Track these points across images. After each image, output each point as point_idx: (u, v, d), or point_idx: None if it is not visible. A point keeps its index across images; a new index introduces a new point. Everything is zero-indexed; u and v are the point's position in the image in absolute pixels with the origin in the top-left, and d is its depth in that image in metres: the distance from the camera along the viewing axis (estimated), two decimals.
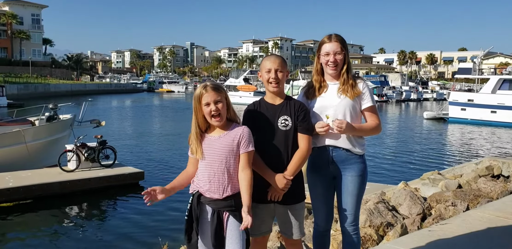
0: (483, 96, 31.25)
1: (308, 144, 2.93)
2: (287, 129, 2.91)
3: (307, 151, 2.93)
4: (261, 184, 2.87)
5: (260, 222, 2.95)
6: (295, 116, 2.92)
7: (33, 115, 14.59)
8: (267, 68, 2.93)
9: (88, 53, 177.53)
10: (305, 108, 2.96)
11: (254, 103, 3.04)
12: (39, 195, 10.65)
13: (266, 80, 2.96)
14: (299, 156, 2.90)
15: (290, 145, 2.92)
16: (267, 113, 2.95)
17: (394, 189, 7.34)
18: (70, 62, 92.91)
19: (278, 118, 2.92)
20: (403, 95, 61.97)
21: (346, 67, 3.05)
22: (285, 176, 2.84)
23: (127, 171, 12.36)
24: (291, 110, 2.93)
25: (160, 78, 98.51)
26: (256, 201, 2.85)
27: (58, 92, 60.45)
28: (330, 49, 3.02)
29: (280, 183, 2.83)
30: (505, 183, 6.97)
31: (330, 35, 3.07)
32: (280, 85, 2.95)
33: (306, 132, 2.93)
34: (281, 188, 2.84)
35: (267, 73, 2.94)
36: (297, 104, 2.96)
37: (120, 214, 10.34)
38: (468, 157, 18.12)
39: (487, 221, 4.43)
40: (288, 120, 2.92)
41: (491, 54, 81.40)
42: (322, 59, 3.08)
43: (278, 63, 2.93)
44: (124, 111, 40.92)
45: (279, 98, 2.98)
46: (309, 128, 2.95)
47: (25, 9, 77.08)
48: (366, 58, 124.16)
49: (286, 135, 2.91)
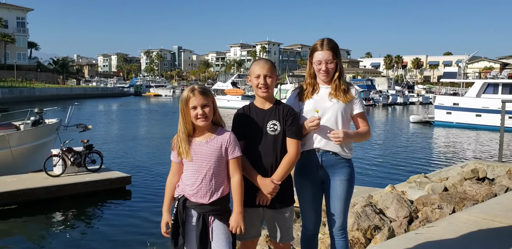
0: (468, 100, 31.63)
1: (296, 148, 2.95)
2: (276, 134, 2.93)
3: (296, 155, 2.94)
4: (250, 188, 2.87)
5: (249, 226, 2.96)
6: (284, 121, 2.94)
7: (18, 120, 14.39)
8: (256, 74, 2.95)
9: (75, 57, 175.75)
10: (294, 113, 2.98)
11: (244, 108, 3.06)
12: (24, 200, 10.49)
13: (255, 86, 2.97)
14: (288, 161, 2.91)
15: (279, 149, 2.93)
16: (256, 118, 2.96)
17: (381, 192, 7.38)
18: (56, 66, 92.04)
19: (267, 123, 2.94)
20: (389, 99, 62.44)
21: (338, 74, 3.07)
22: (273, 180, 2.86)
23: (114, 175, 12.25)
24: (280, 115, 2.95)
25: (147, 82, 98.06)
26: (245, 205, 2.86)
27: (43, 97, 59.68)
28: (322, 58, 3.02)
29: (268, 188, 2.84)
30: (490, 185, 7.05)
31: (322, 41, 3.05)
32: (269, 90, 2.97)
33: (294, 136, 2.95)
34: (269, 192, 2.85)
35: (256, 78, 2.95)
36: (285, 109, 2.98)
37: (107, 219, 10.24)
38: (453, 160, 18.30)
39: (473, 224, 4.48)
40: (277, 125, 2.93)
41: (475, 59, 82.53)
42: (314, 66, 3.09)
43: (267, 68, 2.95)
44: (111, 116, 40.60)
45: (269, 103, 3.00)
46: (298, 132, 2.97)
47: (10, 12, 76.18)
48: (353, 63, 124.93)
49: (275, 140, 2.93)
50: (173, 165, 2.86)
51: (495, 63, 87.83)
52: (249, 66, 3.25)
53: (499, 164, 8.38)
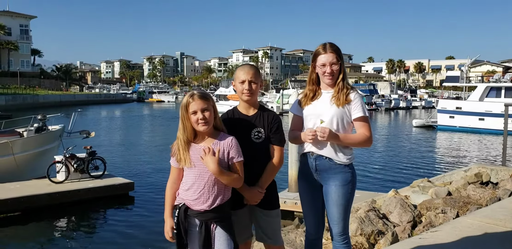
0: (471, 104, 31.58)
1: (280, 156, 2.97)
2: (260, 141, 2.95)
3: (279, 162, 2.97)
4: (236, 191, 2.89)
5: (241, 227, 2.98)
6: (268, 128, 2.95)
7: (22, 127, 14.43)
8: (241, 80, 2.95)
9: (78, 63, 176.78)
10: (278, 120, 2.99)
11: (228, 113, 3.05)
12: (27, 207, 10.50)
13: (240, 91, 2.99)
14: (271, 168, 2.94)
15: (263, 156, 2.95)
16: (240, 124, 2.96)
17: (385, 197, 7.36)
18: (59, 72, 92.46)
19: (252, 130, 2.94)
20: (392, 103, 62.44)
21: (342, 76, 3.07)
22: (258, 189, 2.90)
23: (117, 181, 12.25)
24: (265, 122, 2.96)
25: (150, 88, 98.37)
26: (233, 208, 2.89)
27: (47, 103, 59.94)
28: (326, 60, 3.01)
29: (254, 197, 2.90)
30: (493, 189, 7.02)
31: (324, 45, 3.05)
32: (253, 95, 2.98)
33: (278, 143, 2.97)
34: (254, 201, 2.91)
35: (241, 84, 2.96)
36: (270, 116, 2.99)
37: (110, 225, 10.22)
38: (457, 164, 18.24)
39: (477, 228, 4.45)
40: (262, 132, 2.95)
41: (478, 62, 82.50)
42: (318, 70, 3.08)
43: (252, 74, 2.95)
44: (114, 122, 40.69)
45: (253, 109, 3.01)
46: (282, 139, 2.99)
47: (13, 20, 76.66)
48: (355, 67, 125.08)
49: (259, 147, 2.94)
50: (173, 170, 2.86)
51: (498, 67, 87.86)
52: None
53: (502, 167, 8.34)
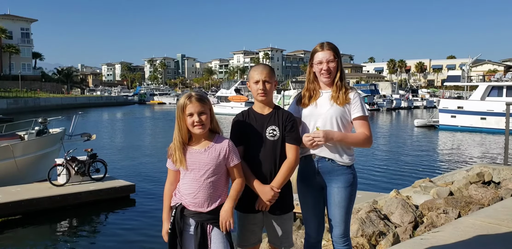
0: (473, 103, 31.54)
1: (296, 154, 2.92)
2: (275, 139, 2.91)
3: (295, 161, 2.91)
4: (249, 194, 2.85)
5: (250, 233, 2.94)
6: (283, 127, 2.91)
7: (22, 130, 14.43)
8: (255, 80, 2.94)
9: (79, 66, 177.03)
10: (293, 119, 2.96)
11: (243, 113, 3.03)
12: (29, 210, 10.48)
13: (254, 91, 2.97)
14: (287, 167, 2.89)
15: (278, 155, 2.90)
16: (255, 123, 2.94)
17: (386, 197, 7.33)
18: (61, 75, 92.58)
19: (266, 129, 2.91)
20: (393, 103, 62.41)
21: (340, 74, 3.04)
22: (273, 188, 2.83)
23: (118, 184, 12.24)
24: (279, 120, 2.93)
25: (151, 90, 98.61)
26: (245, 211, 2.83)
27: (48, 106, 60.02)
28: (323, 57, 3.00)
29: (268, 195, 2.82)
30: (496, 189, 6.99)
31: (322, 43, 3.06)
32: (268, 95, 2.95)
33: (294, 142, 2.92)
34: (268, 200, 2.83)
35: (255, 84, 2.94)
36: (285, 115, 2.96)
37: (111, 227, 10.21)
38: (459, 163, 18.19)
39: (479, 228, 4.42)
40: (276, 130, 2.91)
41: (479, 62, 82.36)
42: (315, 67, 3.06)
43: (266, 74, 2.93)
44: (115, 124, 40.71)
45: (268, 108, 2.98)
46: (297, 138, 2.94)
47: (14, 23, 76.82)
48: (356, 68, 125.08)
49: (274, 145, 2.90)
50: (170, 172, 2.84)
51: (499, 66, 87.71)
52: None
53: (504, 167, 8.30)
